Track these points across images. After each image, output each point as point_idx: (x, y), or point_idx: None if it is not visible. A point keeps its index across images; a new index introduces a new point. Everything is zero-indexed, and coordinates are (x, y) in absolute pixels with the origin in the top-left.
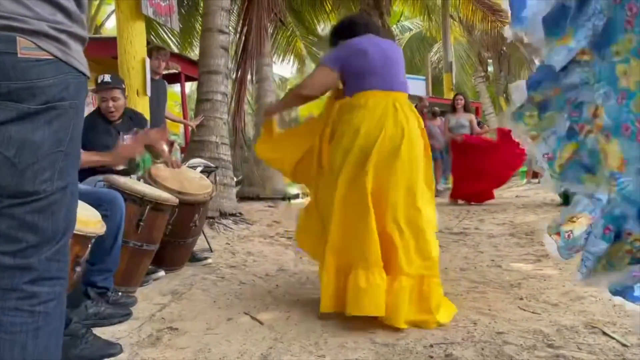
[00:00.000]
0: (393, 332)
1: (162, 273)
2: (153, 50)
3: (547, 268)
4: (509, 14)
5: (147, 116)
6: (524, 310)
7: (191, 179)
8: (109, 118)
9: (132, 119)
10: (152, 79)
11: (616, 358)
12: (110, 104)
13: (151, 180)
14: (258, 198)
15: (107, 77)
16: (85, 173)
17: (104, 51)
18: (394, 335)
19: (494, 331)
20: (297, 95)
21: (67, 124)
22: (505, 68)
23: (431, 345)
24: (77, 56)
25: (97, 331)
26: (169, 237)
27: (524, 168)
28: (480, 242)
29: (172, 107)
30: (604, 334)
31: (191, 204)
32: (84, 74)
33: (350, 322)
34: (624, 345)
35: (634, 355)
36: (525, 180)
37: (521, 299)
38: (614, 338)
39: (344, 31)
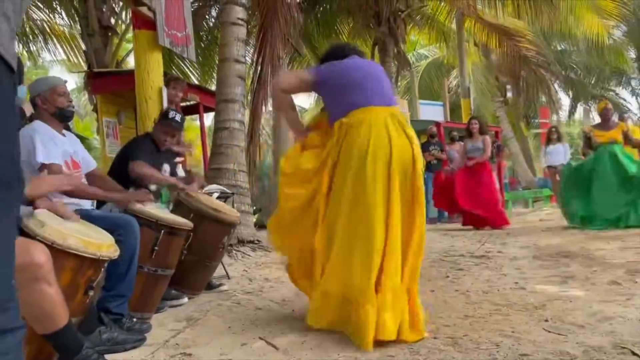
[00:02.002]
0: (411, 355)
1: (185, 299)
2: (170, 80)
3: (573, 289)
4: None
5: None
6: (549, 332)
7: (218, 203)
8: (160, 146)
9: (170, 150)
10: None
11: None
12: (170, 139)
13: (187, 196)
14: None
15: (177, 117)
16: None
17: (124, 84)
18: (412, 358)
19: (517, 353)
20: (273, 92)
21: None
22: (524, 93)
23: None
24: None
25: (110, 357)
26: (195, 255)
27: (548, 192)
28: (504, 265)
29: (193, 140)
30: (633, 354)
31: (224, 223)
32: (4, 60)
33: None
34: None
35: None
36: (549, 205)
37: (546, 320)
38: None
39: (327, 56)
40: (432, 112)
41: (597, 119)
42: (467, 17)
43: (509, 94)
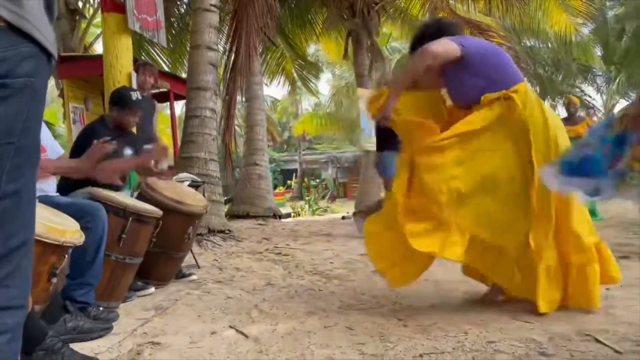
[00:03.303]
0: (381, 342)
1: (152, 289)
2: (139, 65)
3: None
4: None
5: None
6: (516, 319)
7: (187, 192)
8: (123, 130)
9: (135, 136)
10: None
11: None
12: (128, 122)
13: (149, 188)
14: (248, 216)
15: (139, 96)
16: (71, 187)
17: (92, 70)
18: (382, 345)
19: (485, 340)
20: (422, 59)
21: (19, 109)
22: None
23: (421, 355)
24: (37, 23)
25: (76, 346)
26: (160, 248)
27: None
28: None
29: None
30: (597, 341)
31: (187, 215)
32: (46, 50)
33: (338, 333)
34: (617, 352)
35: None
36: None
37: (513, 309)
38: (607, 345)
39: (434, 34)
40: None
41: (564, 115)
42: (439, 12)
43: None
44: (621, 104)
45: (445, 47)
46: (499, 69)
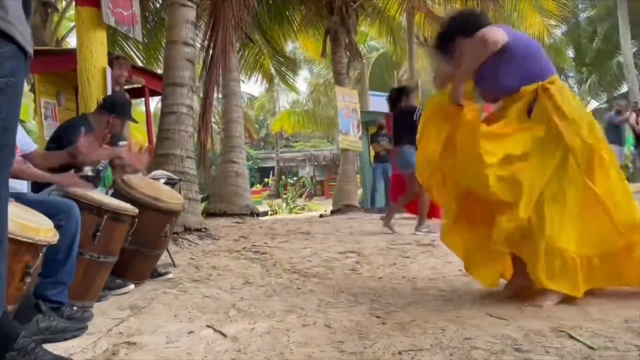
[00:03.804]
0: (360, 340)
1: (131, 286)
2: (113, 59)
3: None
4: None
5: None
6: (492, 316)
7: (164, 190)
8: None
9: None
10: (113, 90)
11: None
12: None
13: (125, 185)
14: (225, 214)
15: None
16: (43, 184)
17: (65, 64)
18: (361, 343)
19: (462, 337)
20: (482, 45)
21: (0, 109)
22: None
23: (399, 353)
24: (17, 23)
25: (50, 347)
26: (136, 246)
27: None
28: (448, 253)
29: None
30: (571, 337)
31: (164, 212)
32: (24, 49)
33: (317, 331)
34: (590, 347)
35: (601, 357)
36: None
37: (489, 306)
38: (580, 341)
39: (467, 25)
40: (382, 103)
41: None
42: (417, 11)
43: None
44: (592, 105)
45: (501, 34)
46: (537, 59)
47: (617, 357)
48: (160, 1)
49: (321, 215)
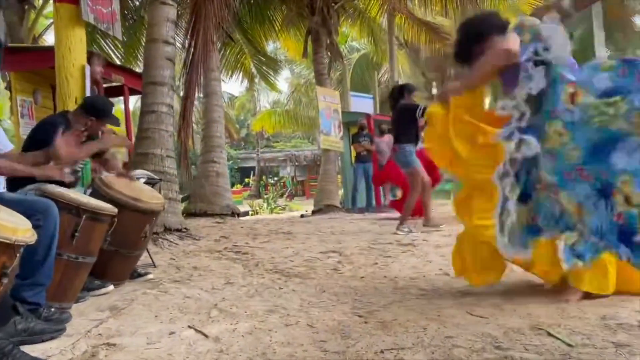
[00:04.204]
0: (343, 339)
1: (111, 287)
2: (89, 56)
3: None
4: None
5: None
6: (472, 315)
7: (143, 189)
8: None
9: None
10: (90, 88)
11: (562, 357)
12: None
13: (104, 185)
14: (205, 214)
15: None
16: (20, 182)
17: (42, 62)
18: (344, 342)
19: (443, 335)
20: (497, 58)
21: None
22: None
23: (382, 351)
24: None
25: (28, 349)
26: (116, 246)
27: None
28: (429, 253)
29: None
30: (549, 334)
31: (144, 212)
32: None
33: (299, 331)
34: (569, 345)
35: (579, 354)
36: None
37: (469, 304)
38: (559, 338)
39: (491, 29)
40: (363, 104)
41: None
42: (398, 13)
43: (435, 91)
44: None
45: (516, 43)
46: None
47: (594, 354)
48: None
49: (302, 216)
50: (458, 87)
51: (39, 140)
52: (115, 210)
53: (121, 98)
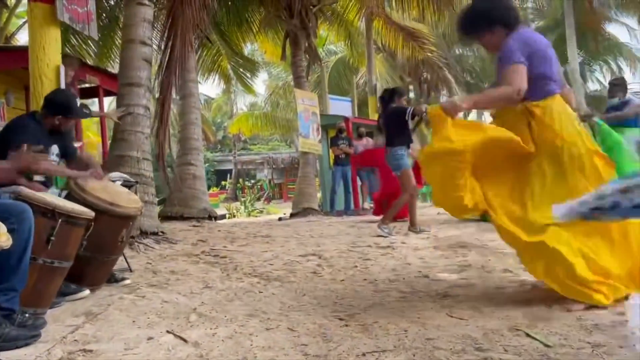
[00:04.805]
0: (324, 342)
1: (87, 292)
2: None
3: (471, 278)
4: None
5: None
6: (452, 317)
7: (120, 192)
8: (54, 130)
9: (64, 133)
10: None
11: (540, 357)
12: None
13: (79, 189)
14: (182, 217)
15: (80, 105)
16: None
17: (14, 62)
18: (325, 346)
19: (424, 337)
20: (508, 99)
21: None
22: (425, 93)
23: (363, 354)
24: None
25: (2, 355)
26: (92, 251)
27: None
28: (408, 255)
29: (89, 126)
30: (528, 335)
31: (121, 217)
32: None
33: (280, 335)
34: (546, 345)
35: (557, 354)
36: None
37: (449, 306)
38: (537, 339)
39: (509, 16)
40: (341, 107)
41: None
42: (375, 17)
43: (412, 94)
44: None
45: (523, 78)
46: (538, 80)
47: (571, 354)
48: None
49: (280, 219)
50: (464, 106)
51: (8, 141)
52: (92, 214)
53: (96, 99)
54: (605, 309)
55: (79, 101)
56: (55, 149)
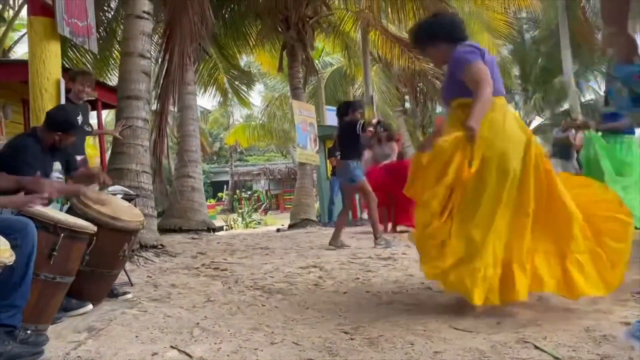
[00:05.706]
0: (330, 356)
1: (90, 306)
2: (78, 74)
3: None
4: None
5: None
6: (458, 329)
7: (122, 206)
8: (54, 147)
9: (62, 149)
10: (73, 103)
11: None
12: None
13: (82, 204)
14: (180, 230)
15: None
16: None
17: (12, 75)
18: (332, 359)
19: (431, 351)
20: (489, 96)
21: None
22: (421, 103)
23: None
24: None
25: None
26: (93, 266)
27: None
28: (409, 266)
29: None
30: (536, 347)
31: (123, 231)
32: None
33: (285, 349)
34: (556, 357)
35: None
36: None
37: (454, 319)
38: (546, 351)
39: (452, 32)
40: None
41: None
42: (372, 29)
43: (408, 104)
44: (537, 121)
45: (488, 81)
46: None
47: None
48: (111, 13)
49: (278, 230)
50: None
51: (8, 162)
52: (94, 228)
53: (94, 112)
54: (612, 320)
55: (81, 118)
56: (57, 165)
